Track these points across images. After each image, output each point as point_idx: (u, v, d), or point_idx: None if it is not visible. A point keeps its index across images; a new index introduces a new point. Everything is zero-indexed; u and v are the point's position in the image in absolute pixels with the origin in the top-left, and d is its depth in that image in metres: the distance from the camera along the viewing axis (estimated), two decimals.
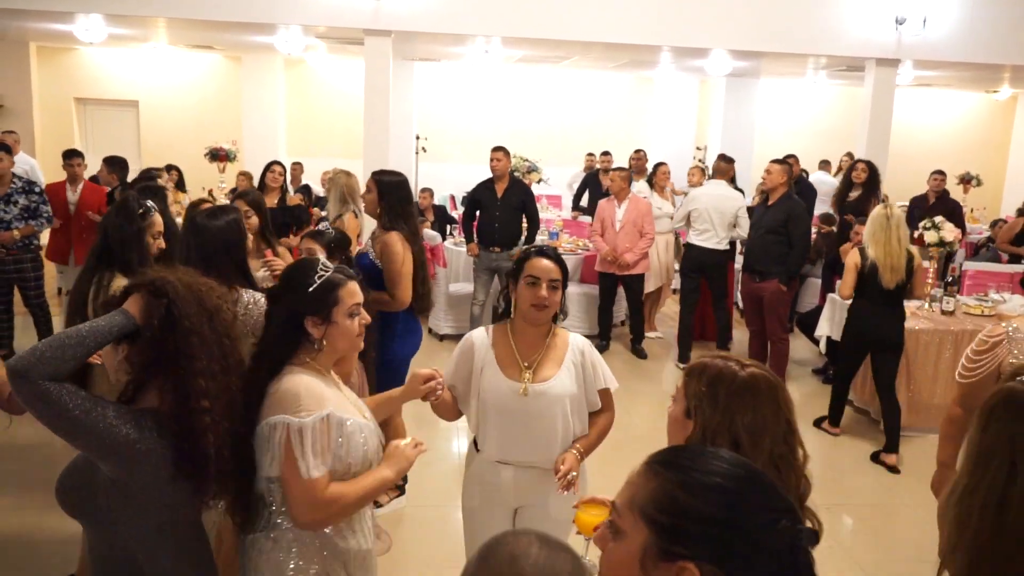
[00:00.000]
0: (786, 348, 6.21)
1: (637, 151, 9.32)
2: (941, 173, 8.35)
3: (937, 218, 5.96)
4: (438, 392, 2.41)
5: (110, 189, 6.75)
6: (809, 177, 10.25)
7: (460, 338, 2.74)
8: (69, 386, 1.64)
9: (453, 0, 7.47)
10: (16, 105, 11.29)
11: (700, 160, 10.54)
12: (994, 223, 9.64)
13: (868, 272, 4.94)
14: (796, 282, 6.45)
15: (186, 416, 1.77)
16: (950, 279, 5.97)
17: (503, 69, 12.48)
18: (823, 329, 5.88)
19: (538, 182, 8.85)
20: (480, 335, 2.65)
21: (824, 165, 11.87)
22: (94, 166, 7.86)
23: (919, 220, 6.31)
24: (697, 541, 1.05)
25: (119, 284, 2.79)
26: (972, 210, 11.44)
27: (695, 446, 1.46)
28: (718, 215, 6.68)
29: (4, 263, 5.88)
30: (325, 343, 2.04)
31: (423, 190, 8.96)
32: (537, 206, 7.07)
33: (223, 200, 6.57)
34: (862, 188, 6.73)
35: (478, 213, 6.89)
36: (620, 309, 7.61)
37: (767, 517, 1.06)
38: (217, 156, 9.41)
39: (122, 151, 8.14)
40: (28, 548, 3.67)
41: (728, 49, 8.25)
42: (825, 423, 5.44)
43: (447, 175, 11.80)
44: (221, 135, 10.47)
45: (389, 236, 3.91)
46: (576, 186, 10.14)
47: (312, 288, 2.01)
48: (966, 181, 11.56)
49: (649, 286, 7.39)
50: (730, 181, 7.11)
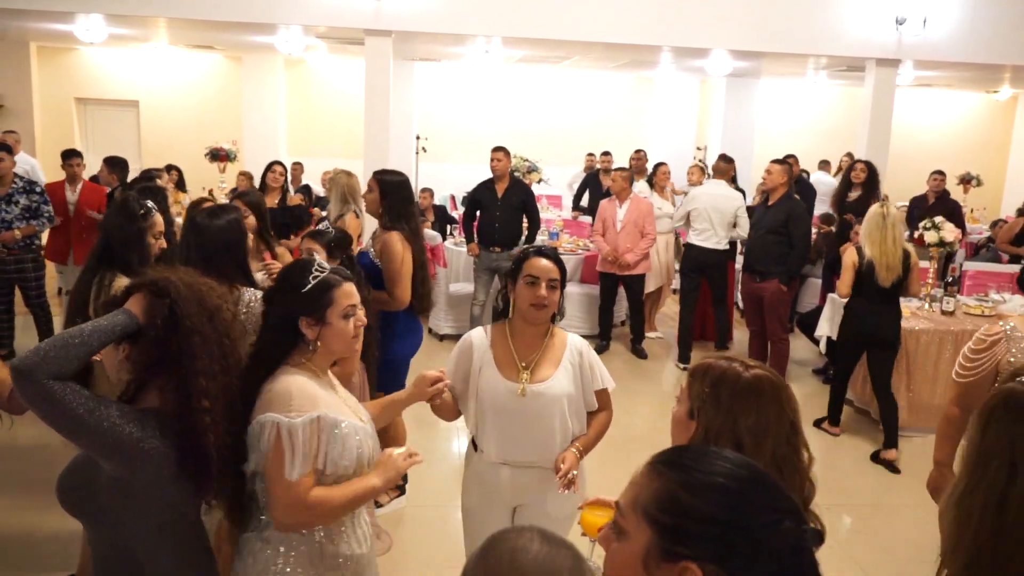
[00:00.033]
0: (786, 348, 6.22)
1: (637, 151, 9.32)
2: (941, 173, 8.35)
3: (937, 218, 5.97)
4: (444, 394, 2.41)
5: (110, 190, 6.75)
6: (810, 178, 10.26)
7: (460, 338, 2.74)
8: (73, 385, 1.64)
9: (453, 0, 7.48)
10: (16, 105, 11.31)
11: (700, 160, 10.53)
12: (994, 223, 9.64)
13: (865, 271, 4.98)
14: (796, 282, 6.45)
15: (187, 415, 1.78)
16: (950, 279, 5.97)
17: (503, 69, 12.48)
18: (823, 329, 5.88)
19: (538, 182, 8.86)
20: (479, 335, 2.65)
21: (824, 165, 11.87)
22: (94, 166, 7.86)
23: (919, 220, 6.31)
24: (699, 541, 1.05)
25: (120, 284, 2.80)
26: (972, 210, 11.43)
27: (698, 446, 1.45)
28: (717, 215, 6.68)
29: (5, 263, 5.88)
30: (319, 344, 2.02)
31: (423, 190, 8.97)
32: (537, 206, 7.08)
33: (223, 200, 6.57)
34: (862, 188, 6.73)
35: (478, 213, 6.90)
36: (620, 309, 7.61)
37: (770, 517, 1.05)
38: (217, 156, 9.41)
39: (122, 151, 8.14)
40: (28, 548, 3.67)
41: (728, 49, 8.25)
42: (825, 423, 5.45)
43: (447, 175, 11.80)
44: (221, 135, 10.48)
45: (389, 236, 3.92)
46: (576, 186, 10.14)
47: (306, 289, 2.00)
48: (966, 181, 11.55)
49: (649, 286, 7.39)
50: (731, 181, 7.12)
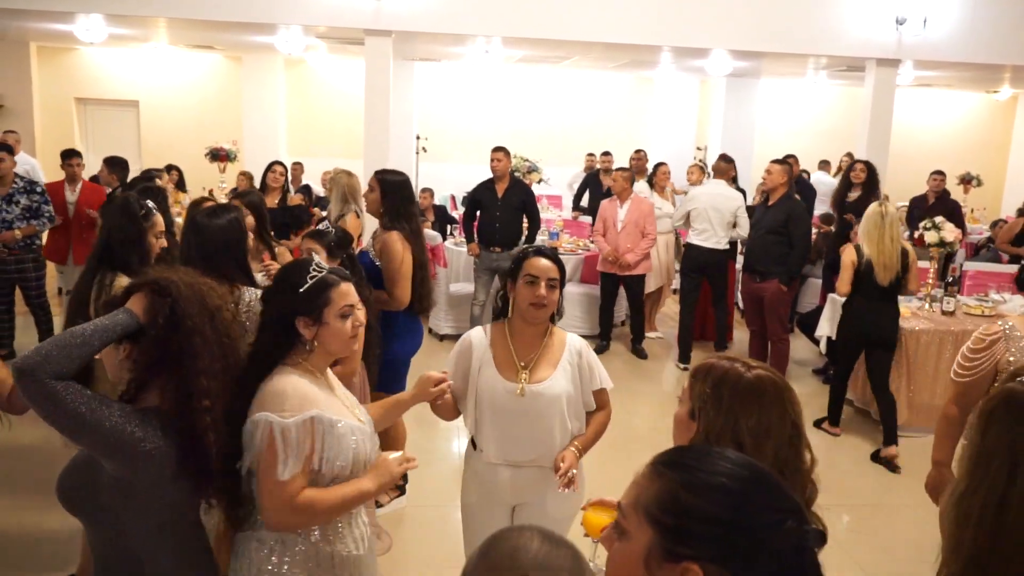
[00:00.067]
0: (786, 348, 6.22)
1: (637, 151, 9.32)
2: (940, 173, 8.35)
3: (938, 218, 5.97)
4: (447, 395, 2.41)
5: (111, 190, 6.75)
6: (810, 178, 10.25)
7: (460, 338, 2.75)
8: (75, 385, 1.65)
9: (454, 0, 7.48)
10: (16, 105, 11.30)
11: (700, 160, 10.54)
12: (994, 223, 9.64)
13: (864, 269, 5.01)
14: (797, 282, 6.45)
15: (188, 415, 1.78)
16: (950, 279, 5.97)
17: (503, 69, 12.48)
18: (823, 329, 5.88)
19: (538, 182, 8.86)
20: (478, 334, 2.65)
21: (824, 165, 11.87)
22: (95, 166, 7.86)
23: (919, 220, 6.31)
24: (701, 541, 1.04)
25: (121, 284, 2.80)
26: (972, 210, 11.44)
27: (701, 446, 1.44)
28: (716, 214, 6.68)
29: (6, 263, 5.88)
30: (316, 344, 2.02)
31: (423, 190, 8.97)
32: (537, 206, 7.08)
33: (223, 200, 6.57)
34: (861, 188, 6.73)
35: (478, 213, 6.90)
36: (620, 309, 7.61)
37: (772, 517, 1.05)
38: (217, 156, 9.41)
39: (122, 151, 8.14)
40: (29, 547, 3.67)
41: (728, 49, 8.25)
42: (825, 423, 5.45)
43: (447, 175, 11.81)
44: (221, 135, 10.48)
45: (389, 235, 3.93)
46: (576, 186, 10.14)
47: (303, 289, 1.99)
48: (966, 181, 11.56)
49: (649, 286, 7.39)
50: (732, 181, 7.12)
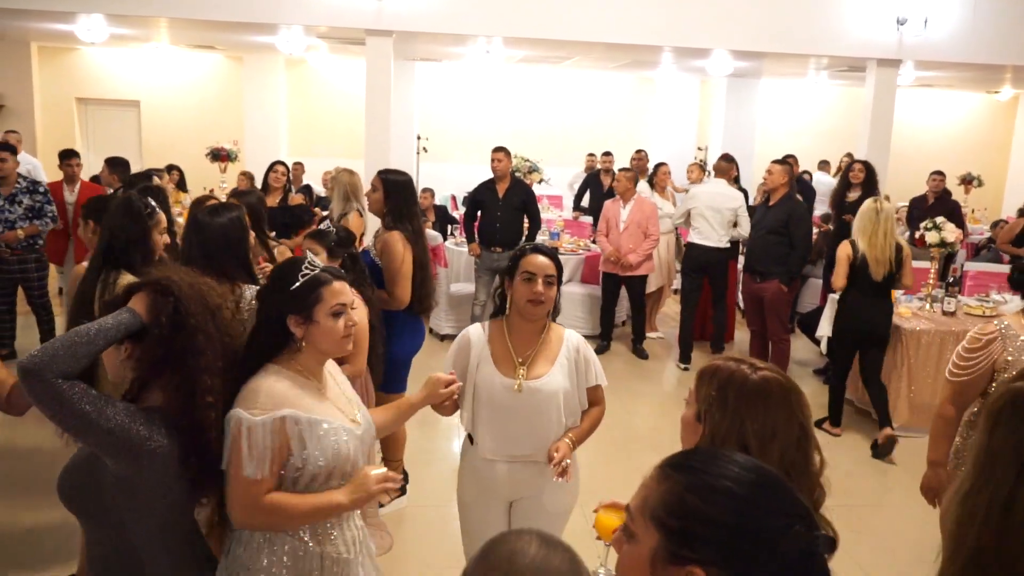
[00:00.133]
0: (787, 348, 6.22)
1: (638, 151, 9.33)
2: (940, 173, 8.35)
3: (938, 219, 5.98)
4: (455, 396, 2.43)
5: (112, 191, 6.75)
6: (812, 179, 10.25)
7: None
8: (80, 384, 1.66)
9: (454, 0, 7.48)
10: (17, 105, 11.31)
11: (701, 161, 10.53)
12: (995, 224, 9.63)
13: (859, 264, 5.08)
14: (797, 282, 6.45)
15: (191, 413, 1.80)
16: (951, 280, 5.97)
17: (504, 69, 12.49)
18: (824, 329, 5.87)
19: (539, 182, 8.87)
20: (476, 331, 2.68)
21: (824, 165, 11.87)
22: (96, 166, 7.87)
23: (919, 221, 6.31)
24: (706, 545, 1.04)
25: (125, 282, 2.80)
26: (973, 211, 11.44)
27: (709, 449, 1.44)
28: (714, 213, 6.67)
29: (8, 263, 5.89)
30: (306, 343, 2.00)
31: (424, 190, 8.98)
32: (538, 206, 7.08)
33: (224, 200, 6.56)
34: (860, 188, 6.73)
35: (479, 213, 6.91)
36: (621, 309, 7.61)
37: (779, 522, 1.04)
38: (218, 156, 9.42)
39: (123, 151, 8.15)
40: (29, 547, 3.68)
41: (729, 49, 8.25)
42: (826, 424, 5.45)
43: (448, 175, 11.81)
44: (222, 135, 10.48)
45: (390, 235, 3.94)
46: (577, 186, 10.14)
47: (295, 287, 1.99)
48: (967, 182, 11.55)
49: (650, 286, 7.39)
50: (733, 181, 7.11)
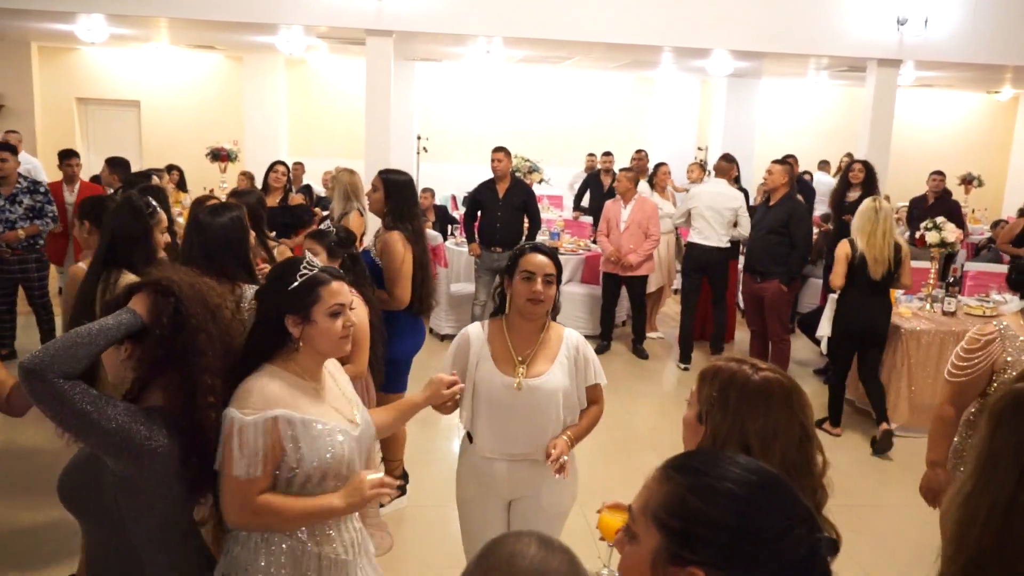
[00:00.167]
0: (787, 348, 6.22)
1: (638, 151, 9.32)
2: (940, 173, 8.35)
3: (939, 219, 5.98)
4: (458, 397, 2.44)
5: (112, 191, 6.75)
6: (813, 180, 10.24)
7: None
8: (81, 384, 1.66)
9: (455, 0, 7.48)
10: (17, 105, 11.31)
11: (701, 161, 10.53)
12: (995, 224, 9.63)
13: (858, 263, 5.11)
14: (797, 282, 6.45)
15: (192, 412, 1.80)
16: (951, 280, 5.97)
17: (504, 69, 12.49)
18: (824, 329, 5.86)
19: (539, 182, 8.87)
20: (476, 330, 2.69)
21: (823, 165, 11.87)
22: (96, 166, 7.87)
23: (919, 221, 6.30)
24: (706, 547, 1.04)
25: (127, 282, 2.80)
26: (973, 211, 11.44)
27: (712, 451, 1.43)
28: (713, 213, 6.67)
29: (9, 263, 5.88)
30: (304, 343, 1.99)
31: (424, 190, 8.97)
32: (538, 206, 7.08)
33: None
34: (860, 188, 6.72)
35: (479, 213, 6.91)
36: (621, 309, 7.61)
37: (780, 525, 1.04)
38: (218, 156, 9.42)
39: (123, 151, 8.15)
40: (30, 548, 3.68)
41: (729, 49, 8.25)
42: (826, 424, 5.45)
43: (448, 175, 11.81)
44: (222, 135, 10.49)
45: (391, 235, 3.94)
46: (577, 186, 10.13)
47: (293, 286, 1.98)
48: (967, 182, 11.55)
49: (650, 286, 7.38)
50: (734, 181, 7.10)
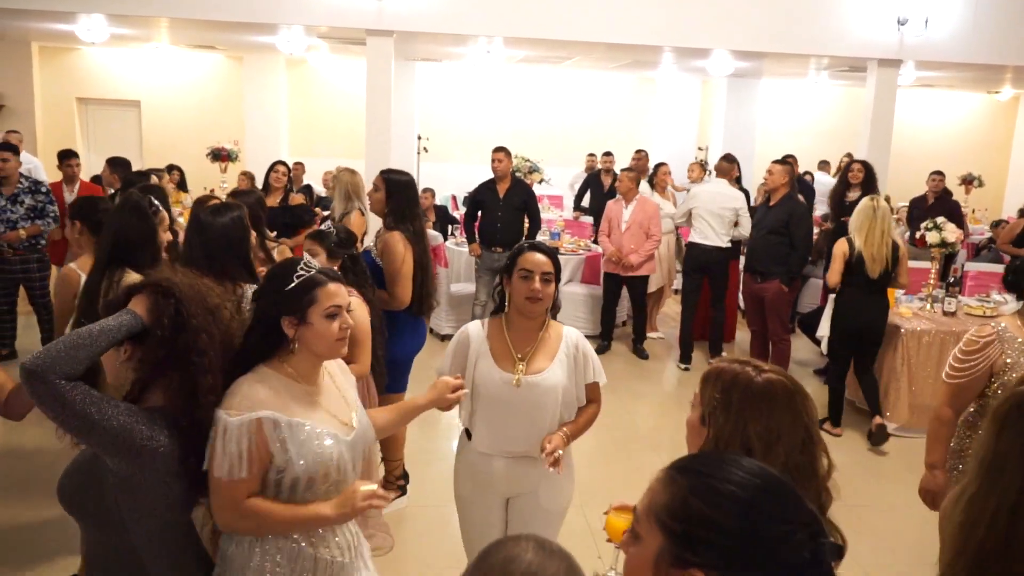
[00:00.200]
0: (787, 349, 6.22)
1: (638, 151, 9.32)
2: (940, 173, 8.34)
3: (939, 219, 5.98)
4: (462, 400, 2.45)
5: (113, 191, 6.75)
6: (814, 181, 10.24)
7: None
8: (82, 385, 1.66)
9: (455, 1, 7.48)
10: (18, 105, 11.32)
11: (702, 161, 10.53)
12: (995, 224, 9.63)
13: (855, 262, 5.13)
14: (798, 282, 6.44)
15: (192, 413, 1.81)
16: (952, 280, 5.97)
17: (505, 69, 12.49)
18: (824, 330, 5.86)
19: (540, 182, 8.87)
20: (476, 327, 2.70)
21: (823, 165, 11.87)
22: (96, 166, 7.87)
23: (919, 221, 6.30)
24: (709, 549, 1.04)
25: (131, 281, 2.80)
26: (973, 211, 11.43)
27: (717, 453, 1.43)
28: (715, 213, 6.66)
29: (10, 263, 5.88)
30: (299, 344, 1.97)
31: (424, 190, 8.96)
32: (538, 206, 7.09)
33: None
34: (860, 189, 6.72)
35: (480, 213, 6.91)
36: (622, 309, 7.62)
37: (782, 528, 1.04)
38: (219, 156, 9.42)
39: (124, 151, 8.15)
40: (32, 548, 3.68)
41: (730, 50, 8.25)
42: (826, 424, 5.45)
43: (449, 175, 11.81)
44: (223, 135, 10.48)
45: (391, 235, 3.95)
46: (578, 186, 10.13)
47: (289, 287, 1.97)
48: (968, 182, 11.55)
49: (650, 286, 7.39)
50: (735, 181, 7.09)
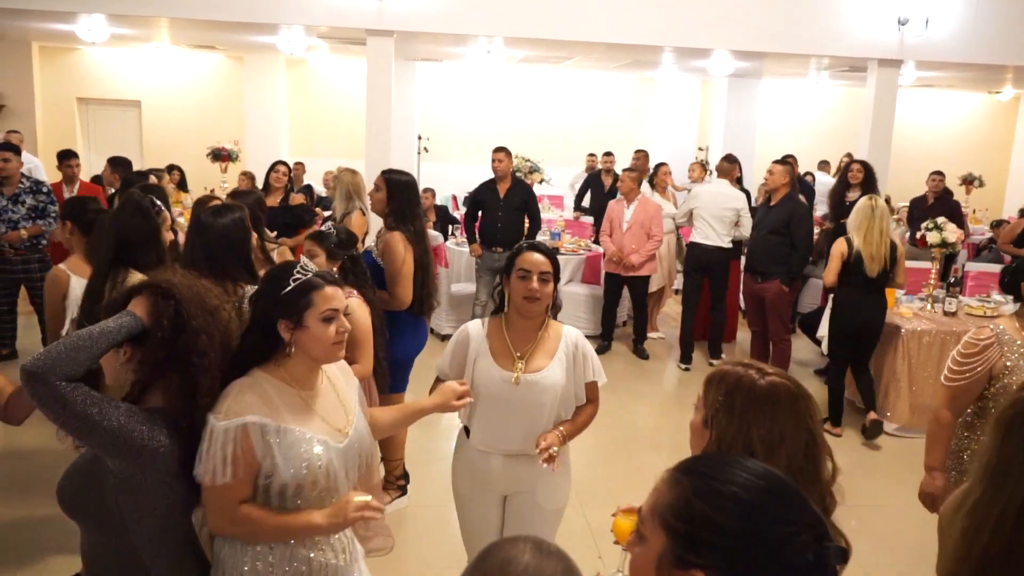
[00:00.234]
0: (788, 349, 6.21)
1: (637, 152, 9.31)
2: (939, 173, 8.34)
3: (940, 219, 5.98)
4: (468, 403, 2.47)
5: (113, 190, 6.75)
6: (814, 182, 10.23)
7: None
8: (83, 387, 1.67)
9: (455, 1, 7.48)
10: (18, 105, 11.32)
11: (702, 160, 10.53)
12: (995, 224, 9.62)
13: (854, 261, 5.15)
14: (798, 283, 6.44)
15: (192, 413, 1.81)
16: (952, 280, 5.97)
17: (505, 69, 12.49)
18: (825, 330, 5.88)
19: (540, 182, 8.87)
20: (476, 326, 2.72)
21: (824, 166, 11.87)
22: (97, 166, 7.87)
23: (919, 221, 6.30)
24: (711, 551, 1.04)
25: (134, 282, 2.80)
26: (974, 211, 11.43)
27: (723, 454, 1.43)
28: (716, 213, 6.66)
29: (12, 263, 5.87)
30: (296, 348, 1.96)
31: (425, 190, 8.95)
32: (539, 206, 7.09)
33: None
34: (860, 189, 6.72)
35: (480, 213, 6.91)
36: (622, 309, 7.62)
37: (785, 531, 1.03)
38: (219, 156, 9.41)
39: (124, 151, 8.16)
40: (32, 548, 3.68)
41: (730, 50, 8.24)
42: (826, 424, 5.45)
43: (449, 175, 11.81)
44: (223, 135, 10.47)
45: (392, 236, 3.95)
46: (578, 186, 10.13)
47: (285, 291, 1.96)
48: (968, 182, 11.54)
49: (651, 287, 7.39)
50: (736, 182, 7.09)
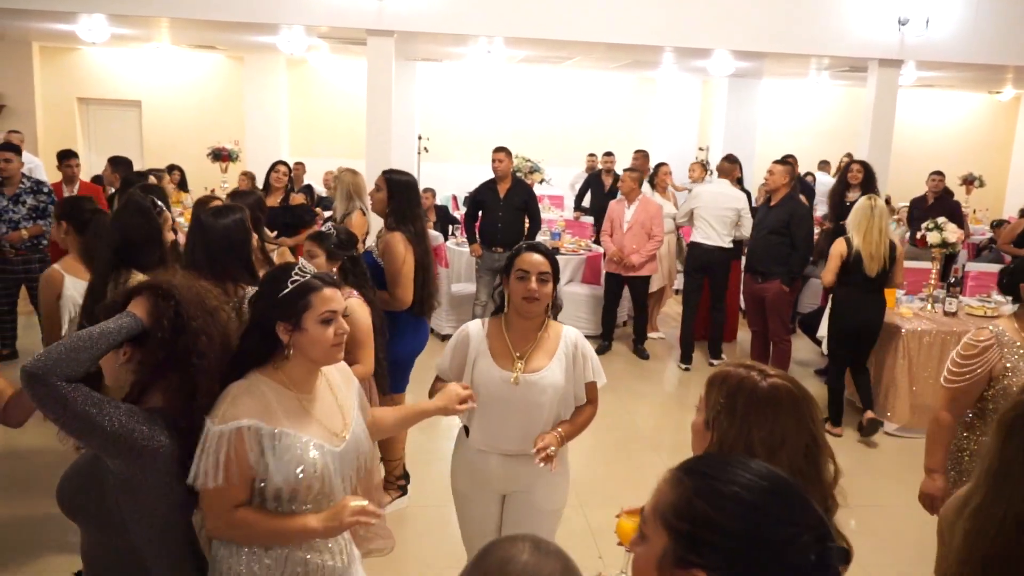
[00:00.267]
0: (788, 349, 6.21)
1: (637, 152, 9.31)
2: (939, 173, 8.34)
3: (940, 219, 5.98)
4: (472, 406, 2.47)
5: (114, 190, 6.75)
6: (815, 182, 10.23)
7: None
8: (83, 387, 1.67)
9: (456, 0, 7.48)
10: (19, 105, 11.32)
11: (703, 161, 10.52)
12: (995, 224, 9.62)
13: (853, 260, 5.16)
14: (798, 283, 6.44)
15: (192, 414, 1.82)
16: (952, 280, 5.97)
17: (505, 69, 12.49)
18: (825, 330, 5.88)
19: (540, 182, 8.86)
20: (475, 326, 2.73)
21: (824, 166, 11.87)
22: (97, 166, 7.87)
23: (919, 221, 6.30)
24: (713, 551, 1.04)
25: (136, 282, 2.80)
26: (974, 211, 11.43)
27: (724, 455, 1.43)
28: (717, 214, 6.66)
29: (12, 263, 5.88)
30: (294, 350, 1.96)
31: (425, 190, 8.95)
32: (539, 206, 7.09)
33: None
34: (859, 189, 6.71)
35: (480, 213, 6.91)
36: (622, 310, 7.62)
37: (788, 531, 1.03)
38: (219, 156, 9.41)
39: (124, 151, 8.16)
40: (32, 548, 3.68)
41: (731, 50, 8.24)
42: (827, 424, 5.45)
43: (449, 175, 11.81)
44: (223, 135, 10.47)
45: (392, 236, 3.96)
46: (578, 186, 10.13)
47: (283, 293, 1.95)
48: (969, 182, 11.54)
49: (651, 286, 7.39)
50: (736, 182, 7.09)
